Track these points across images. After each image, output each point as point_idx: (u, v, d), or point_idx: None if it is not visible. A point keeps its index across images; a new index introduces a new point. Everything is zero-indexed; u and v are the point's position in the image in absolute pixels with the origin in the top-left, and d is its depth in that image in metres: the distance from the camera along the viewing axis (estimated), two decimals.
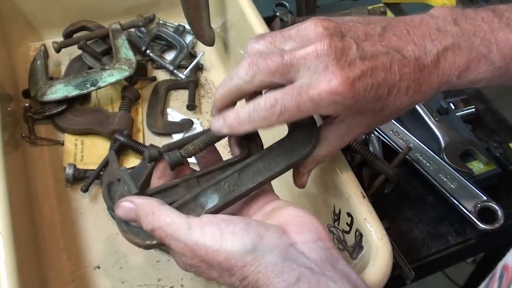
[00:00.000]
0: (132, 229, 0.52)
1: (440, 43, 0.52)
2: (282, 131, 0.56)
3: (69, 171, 0.79)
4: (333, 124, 0.56)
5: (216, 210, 0.52)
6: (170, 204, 0.53)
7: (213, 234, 0.47)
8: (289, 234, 0.48)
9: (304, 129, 0.56)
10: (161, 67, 0.97)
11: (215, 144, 0.58)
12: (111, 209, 0.55)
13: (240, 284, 0.46)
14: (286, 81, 0.50)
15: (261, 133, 0.59)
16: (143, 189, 0.55)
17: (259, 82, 0.51)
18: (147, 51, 0.97)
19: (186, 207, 0.52)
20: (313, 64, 0.49)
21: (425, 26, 0.53)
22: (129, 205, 0.51)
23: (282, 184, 0.77)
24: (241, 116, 0.52)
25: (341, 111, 0.52)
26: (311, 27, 0.50)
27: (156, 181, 0.57)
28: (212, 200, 0.53)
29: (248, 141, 0.58)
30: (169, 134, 0.88)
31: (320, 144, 0.57)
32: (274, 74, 0.50)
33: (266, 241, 0.47)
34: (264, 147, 0.57)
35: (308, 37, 0.50)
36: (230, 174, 0.54)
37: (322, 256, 0.47)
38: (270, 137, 0.58)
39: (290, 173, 0.76)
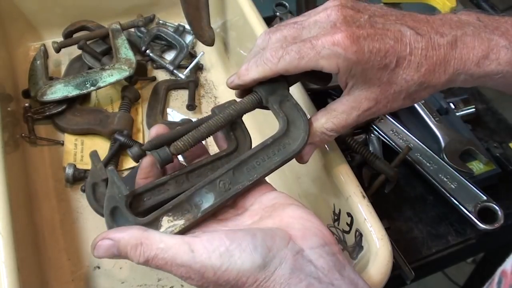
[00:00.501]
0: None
1: (459, 30, 0.52)
2: (273, 127, 0.56)
3: (69, 171, 0.79)
4: (342, 96, 0.56)
5: (213, 210, 0.51)
6: (160, 203, 0.51)
7: (219, 253, 0.44)
8: (294, 239, 0.47)
9: (296, 125, 0.55)
10: (161, 67, 0.97)
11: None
12: (97, 213, 0.52)
13: None
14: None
15: (252, 130, 0.59)
16: None
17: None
18: (147, 51, 0.97)
19: (181, 208, 0.51)
20: (323, 24, 0.52)
21: (447, 18, 0.54)
22: (107, 242, 0.47)
23: (283, 183, 0.77)
24: (249, 64, 0.54)
25: (345, 69, 0.51)
26: (329, 3, 0.53)
27: (142, 182, 0.54)
28: (208, 200, 0.51)
29: (236, 135, 0.57)
30: None
31: (327, 116, 0.56)
32: (286, 37, 0.54)
33: (274, 252, 0.45)
34: (253, 143, 0.56)
35: (324, 7, 0.53)
36: (225, 172, 0.52)
37: (329, 262, 0.46)
38: (260, 133, 0.58)
39: (290, 173, 0.76)
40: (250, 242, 0.45)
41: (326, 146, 0.65)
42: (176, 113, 0.91)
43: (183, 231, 0.50)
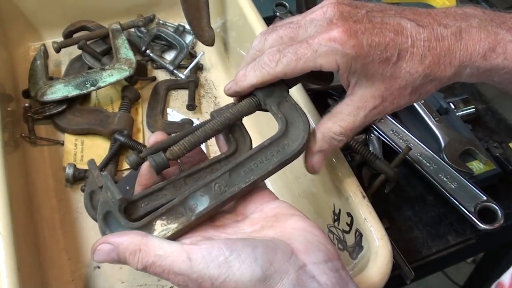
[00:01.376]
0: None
1: (464, 21, 0.51)
2: (272, 128, 0.56)
3: (69, 171, 0.79)
4: (346, 97, 0.55)
5: (207, 213, 0.50)
6: (157, 208, 0.50)
7: (217, 263, 0.43)
8: (297, 253, 0.45)
9: (295, 125, 0.54)
10: (161, 67, 0.97)
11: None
12: (95, 220, 0.51)
13: None
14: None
15: (254, 132, 0.59)
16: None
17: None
18: (147, 51, 0.97)
19: (175, 211, 0.49)
20: (319, 21, 0.51)
21: (450, 11, 0.53)
22: (107, 247, 0.46)
23: (283, 183, 0.78)
24: (247, 69, 0.54)
25: (344, 65, 0.50)
26: (325, 1, 0.53)
27: (141, 189, 0.53)
28: (202, 203, 0.50)
29: (235, 137, 0.56)
30: (169, 134, 0.88)
31: (333, 119, 0.54)
32: (282, 37, 0.53)
33: (275, 266, 0.43)
34: (255, 145, 0.55)
35: (320, 6, 0.53)
36: (221, 175, 0.51)
37: (333, 279, 0.44)
38: (259, 134, 0.58)
39: (290, 173, 0.76)
40: (250, 254, 0.43)
41: None
42: (176, 113, 0.92)
43: (177, 235, 0.49)
